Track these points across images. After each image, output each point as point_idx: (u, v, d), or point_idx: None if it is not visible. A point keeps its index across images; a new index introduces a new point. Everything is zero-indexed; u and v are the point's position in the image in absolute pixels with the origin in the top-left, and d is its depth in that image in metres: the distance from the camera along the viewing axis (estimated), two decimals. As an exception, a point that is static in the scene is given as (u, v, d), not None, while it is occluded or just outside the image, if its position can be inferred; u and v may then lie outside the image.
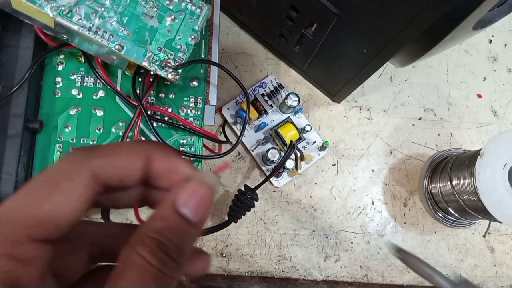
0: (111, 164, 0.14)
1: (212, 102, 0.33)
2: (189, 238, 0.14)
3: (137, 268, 0.13)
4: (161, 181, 0.16)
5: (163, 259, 0.13)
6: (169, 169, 0.15)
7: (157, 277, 0.13)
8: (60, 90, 0.32)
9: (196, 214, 0.14)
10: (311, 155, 0.39)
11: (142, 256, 0.13)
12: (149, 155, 0.15)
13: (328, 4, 0.28)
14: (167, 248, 0.14)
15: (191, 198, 0.14)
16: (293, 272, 0.38)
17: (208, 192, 0.15)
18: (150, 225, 0.14)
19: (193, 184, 0.15)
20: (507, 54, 0.45)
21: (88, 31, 0.27)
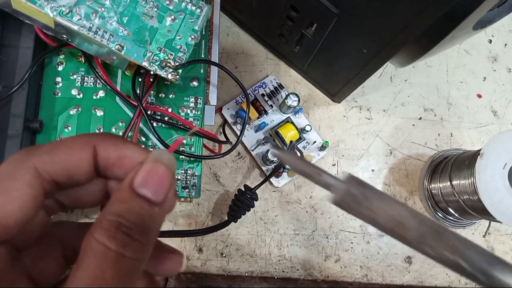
0: (53, 159, 0.14)
1: (212, 102, 0.33)
2: (152, 219, 0.14)
3: (95, 254, 0.13)
4: (114, 170, 0.15)
5: (123, 241, 0.13)
6: (118, 156, 0.15)
7: (117, 261, 0.13)
8: (60, 90, 0.32)
9: (157, 193, 0.14)
10: (311, 155, 0.39)
11: (99, 241, 0.13)
12: (93, 146, 0.15)
13: (328, 4, 0.28)
14: (127, 228, 0.13)
15: (149, 178, 0.14)
16: (293, 272, 0.38)
17: (166, 170, 0.14)
18: (107, 209, 0.14)
19: (149, 164, 0.14)
20: (507, 54, 0.45)
21: (88, 31, 0.27)
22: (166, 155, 0.15)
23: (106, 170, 0.15)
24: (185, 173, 0.32)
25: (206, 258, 0.38)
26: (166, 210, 0.15)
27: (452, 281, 0.40)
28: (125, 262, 0.13)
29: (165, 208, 0.15)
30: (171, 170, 0.15)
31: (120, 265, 0.13)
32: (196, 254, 0.38)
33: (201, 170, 0.32)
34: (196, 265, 0.38)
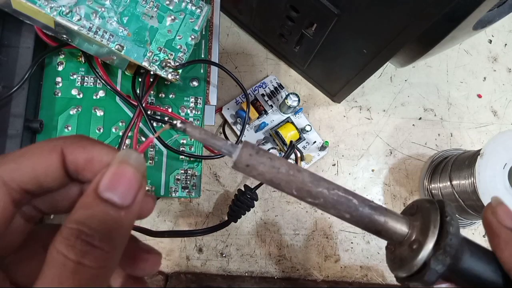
0: (19, 168, 0.14)
1: (212, 102, 0.33)
2: (118, 223, 0.13)
3: (53, 265, 0.12)
4: (85, 174, 0.15)
5: (83, 249, 0.12)
6: (86, 158, 0.15)
7: (76, 270, 0.12)
8: (60, 90, 0.32)
9: (124, 197, 0.13)
10: (311, 155, 0.39)
11: (58, 250, 0.12)
12: (60, 150, 0.14)
13: (328, 4, 0.28)
14: (88, 236, 0.13)
15: (115, 181, 0.13)
16: (293, 272, 0.38)
17: (133, 172, 0.14)
18: (69, 217, 0.13)
19: (115, 166, 0.14)
20: (507, 54, 0.45)
21: (88, 31, 0.27)
22: (133, 155, 0.14)
23: (77, 174, 0.15)
24: (185, 173, 0.32)
25: (206, 258, 0.38)
26: (134, 213, 0.14)
27: (452, 281, 0.40)
28: (85, 272, 0.12)
29: (134, 211, 0.14)
30: (139, 171, 0.14)
31: (80, 275, 0.12)
32: (196, 254, 0.38)
33: (201, 170, 0.32)
34: (196, 265, 0.38)
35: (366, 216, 0.16)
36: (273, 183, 0.16)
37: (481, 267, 0.16)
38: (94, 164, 0.15)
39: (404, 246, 0.17)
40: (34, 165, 0.14)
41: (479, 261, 0.16)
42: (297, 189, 0.16)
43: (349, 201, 0.16)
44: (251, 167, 0.15)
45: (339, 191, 0.16)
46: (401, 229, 0.17)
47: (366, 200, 0.17)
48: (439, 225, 0.16)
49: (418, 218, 0.17)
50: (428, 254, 0.16)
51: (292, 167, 0.16)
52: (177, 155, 0.32)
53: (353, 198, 0.16)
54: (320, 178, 0.16)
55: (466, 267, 0.16)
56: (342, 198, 0.16)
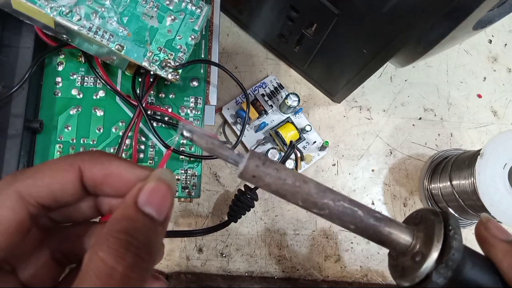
0: (37, 183, 0.14)
1: (212, 102, 0.33)
2: (156, 237, 0.14)
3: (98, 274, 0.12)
4: (103, 189, 0.15)
5: (132, 262, 0.12)
6: (105, 174, 0.15)
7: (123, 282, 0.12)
8: (60, 90, 0.32)
9: (160, 212, 0.14)
10: (311, 155, 0.39)
11: (104, 261, 0.12)
12: (78, 167, 0.15)
13: (328, 4, 0.28)
14: (137, 249, 0.13)
15: (153, 197, 0.14)
16: (293, 272, 0.38)
17: (169, 189, 0.14)
18: (113, 226, 0.13)
19: (153, 182, 0.14)
20: (507, 54, 0.45)
21: (88, 31, 0.27)
22: (169, 174, 0.15)
23: (95, 189, 0.15)
24: (185, 173, 0.32)
25: (206, 258, 0.38)
26: (166, 229, 0.15)
27: (452, 281, 0.40)
28: (130, 283, 0.12)
29: (166, 226, 0.15)
30: (173, 189, 0.15)
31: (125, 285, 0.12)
32: (196, 254, 0.38)
33: (201, 170, 0.32)
34: (196, 265, 0.38)
35: (370, 227, 0.16)
36: (279, 194, 0.16)
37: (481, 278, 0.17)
38: (113, 180, 0.15)
39: (407, 256, 0.17)
40: (51, 181, 0.14)
41: (480, 272, 0.17)
42: (302, 200, 0.16)
43: (354, 212, 0.16)
44: (257, 178, 0.15)
45: (345, 203, 0.16)
46: (404, 240, 0.17)
47: (371, 210, 0.17)
48: (442, 238, 0.16)
49: (421, 229, 0.17)
50: (430, 267, 0.16)
51: (298, 178, 0.16)
52: (177, 155, 0.32)
53: (358, 209, 0.16)
54: (326, 189, 0.16)
55: (467, 278, 0.16)
56: (348, 210, 0.16)
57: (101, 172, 0.15)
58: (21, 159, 0.29)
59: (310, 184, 0.16)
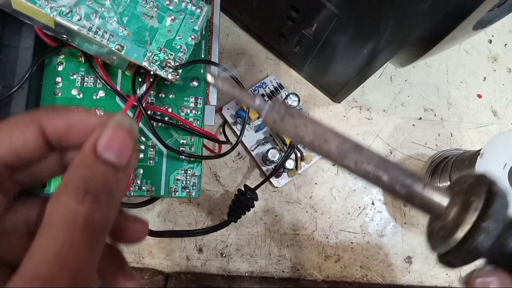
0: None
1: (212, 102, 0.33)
2: (117, 182, 0.14)
3: (61, 219, 0.12)
4: (68, 140, 0.15)
5: (92, 204, 0.13)
6: (67, 125, 0.15)
7: (86, 224, 0.13)
8: (60, 90, 0.32)
9: (121, 157, 0.14)
10: (311, 155, 0.39)
11: (66, 206, 0.13)
12: (38, 122, 0.15)
13: (328, 4, 0.28)
14: (96, 191, 0.13)
15: (112, 142, 0.14)
16: (293, 272, 0.38)
17: (128, 134, 0.14)
18: (72, 174, 0.13)
19: (111, 128, 0.14)
20: (507, 54, 0.45)
21: (88, 31, 0.27)
22: (129, 120, 0.15)
23: (61, 142, 0.15)
24: (185, 173, 0.32)
25: (206, 258, 0.38)
26: (129, 176, 0.15)
27: (452, 281, 0.40)
28: (94, 225, 0.13)
29: (129, 171, 0.15)
30: (133, 134, 0.15)
31: (89, 229, 0.13)
32: (196, 254, 0.38)
33: (201, 170, 0.32)
34: (196, 265, 0.38)
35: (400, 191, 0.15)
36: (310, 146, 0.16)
37: None
38: (76, 129, 0.15)
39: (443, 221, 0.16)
40: (11, 138, 0.14)
41: None
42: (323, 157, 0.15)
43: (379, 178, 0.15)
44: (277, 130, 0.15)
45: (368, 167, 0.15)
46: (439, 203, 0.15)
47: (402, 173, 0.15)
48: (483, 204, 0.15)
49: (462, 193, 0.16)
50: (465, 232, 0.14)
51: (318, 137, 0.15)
52: (177, 155, 0.32)
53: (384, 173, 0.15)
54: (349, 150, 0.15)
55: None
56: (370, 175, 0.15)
57: (62, 123, 0.15)
58: (21, 159, 0.29)
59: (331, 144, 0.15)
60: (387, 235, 0.40)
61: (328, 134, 0.15)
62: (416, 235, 0.40)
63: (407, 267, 0.40)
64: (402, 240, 0.40)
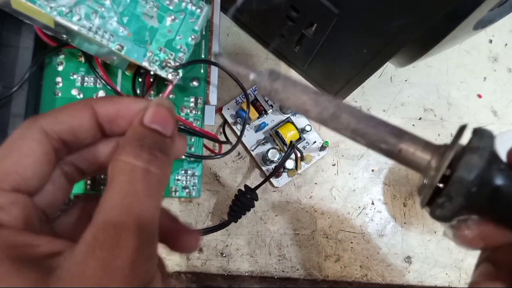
0: (57, 120, 0.16)
1: (212, 102, 0.33)
2: (167, 145, 0.16)
3: (123, 173, 0.14)
4: (118, 123, 0.17)
5: (148, 158, 0.14)
6: (117, 109, 0.17)
7: (145, 175, 0.14)
8: (60, 90, 0.32)
9: (166, 128, 0.16)
10: (311, 155, 0.39)
11: (126, 161, 0.14)
12: (91, 106, 0.16)
13: (328, 4, 0.28)
14: (150, 146, 0.15)
15: (156, 117, 0.16)
16: (293, 272, 0.38)
17: (169, 111, 0.16)
18: (127, 139, 0.15)
19: (153, 107, 0.16)
20: (507, 54, 0.45)
21: (88, 31, 0.27)
22: (167, 101, 0.17)
23: (112, 126, 0.17)
24: (185, 173, 0.32)
25: (206, 258, 0.38)
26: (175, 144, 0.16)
27: (452, 281, 0.40)
28: (152, 176, 0.14)
29: (174, 143, 0.16)
30: (173, 112, 0.16)
31: (148, 179, 0.14)
32: (196, 254, 0.38)
33: (201, 170, 0.32)
34: (196, 265, 0.38)
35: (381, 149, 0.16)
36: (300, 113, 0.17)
37: None
38: (126, 113, 0.17)
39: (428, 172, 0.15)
40: (69, 118, 0.16)
41: None
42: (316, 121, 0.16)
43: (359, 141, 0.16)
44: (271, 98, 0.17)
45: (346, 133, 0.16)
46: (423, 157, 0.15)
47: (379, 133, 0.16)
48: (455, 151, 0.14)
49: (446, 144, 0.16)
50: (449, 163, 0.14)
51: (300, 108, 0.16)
52: (177, 155, 0.32)
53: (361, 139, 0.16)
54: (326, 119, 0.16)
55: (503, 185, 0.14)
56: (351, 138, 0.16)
57: (113, 108, 0.17)
58: (21, 159, 0.29)
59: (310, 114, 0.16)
60: (386, 235, 0.40)
61: (308, 106, 0.16)
62: (416, 235, 0.40)
63: (406, 267, 0.40)
64: (402, 240, 0.40)
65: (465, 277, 0.40)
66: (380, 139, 0.16)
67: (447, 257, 0.40)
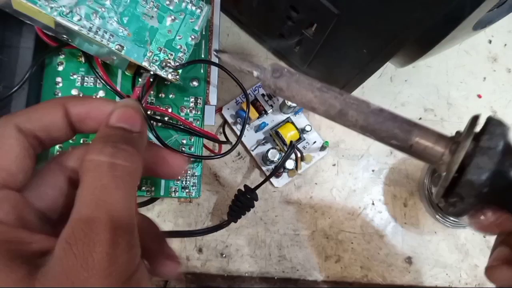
0: (30, 118, 0.16)
1: (212, 102, 0.33)
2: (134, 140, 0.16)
3: (90, 170, 0.14)
4: (87, 123, 0.17)
5: (112, 151, 0.15)
6: (87, 109, 0.17)
7: (110, 169, 0.14)
8: (60, 90, 0.32)
9: (132, 124, 0.16)
10: (311, 155, 0.39)
11: (91, 160, 0.15)
12: (63, 105, 0.17)
13: (328, 4, 0.28)
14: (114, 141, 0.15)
15: (122, 116, 0.16)
16: (293, 272, 0.38)
17: (135, 110, 0.17)
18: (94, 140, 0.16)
19: (119, 108, 0.17)
20: (507, 54, 0.45)
21: (88, 31, 0.27)
22: (132, 101, 0.18)
23: (81, 125, 0.17)
24: (185, 173, 0.32)
25: (206, 259, 0.38)
26: (144, 138, 0.17)
27: (452, 281, 0.40)
28: (118, 169, 0.14)
29: (143, 136, 0.17)
30: (139, 110, 0.17)
31: (114, 172, 0.14)
32: (196, 254, 0.38)
33: (201, 170, 0.32)
34: (196, 265, 0.38)
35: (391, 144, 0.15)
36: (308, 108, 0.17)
37: None
38: (95, 113, 0.17)
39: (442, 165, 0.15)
40: (41, 116, 0.17)
41: None
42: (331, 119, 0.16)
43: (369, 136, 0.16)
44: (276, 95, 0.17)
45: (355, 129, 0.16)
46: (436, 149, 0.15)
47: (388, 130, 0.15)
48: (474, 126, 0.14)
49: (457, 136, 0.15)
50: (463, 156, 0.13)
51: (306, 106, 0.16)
52: (177, 155, 0.32)
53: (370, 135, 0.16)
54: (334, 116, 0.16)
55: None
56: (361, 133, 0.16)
57: (84, 108, 0.17)
58: (21, 159, 0.29)
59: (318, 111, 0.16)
60: (387, 235, 0.40)
61: (314, 104, 0.16)
62: (416, 235, 0.40)
63: (407, 267, 0.40)
64: (402, 241, 0.40)
65: (465, 277, 0.40)
66: (390, 136, 0.15)
67: (447, 257, 0.40)
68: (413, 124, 0.15)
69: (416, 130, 0.15)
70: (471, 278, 0.40)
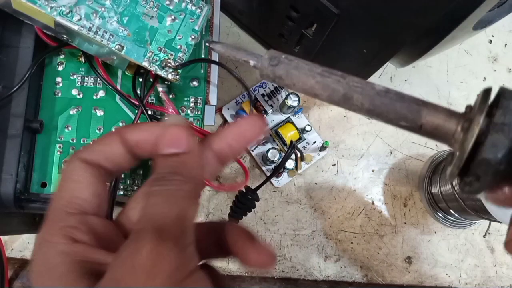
0: (93, 150, 0.18)
1: (212, 102, 0.33)
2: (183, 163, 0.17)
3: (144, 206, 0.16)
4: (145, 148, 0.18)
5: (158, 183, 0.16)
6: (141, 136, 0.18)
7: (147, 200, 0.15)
8: (60, 90, 0.32)
9: (178, 145, 0.17)
10: (311, 155, 0.39)
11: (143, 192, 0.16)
12: (120, 134, 0.18)
13: (328, 4, 0.28)
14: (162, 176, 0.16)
15: (167, 140, 0.17)
16: (293, 272, 0.38)
17: (177, 128, 0.17)
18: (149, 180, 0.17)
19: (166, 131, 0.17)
20: (507, 54, 0.45)
21: (88, 31, 0.27)
22: (174, 118, 0.18)
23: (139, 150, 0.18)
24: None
25: (206, 258, 0.38)
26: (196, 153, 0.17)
27: (452, 281, 0.40)
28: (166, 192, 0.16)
29: (194, 152, 0.17)
30: (183, 125, 0.18)
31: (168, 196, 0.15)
32: (196, 254, 0.38)
33: (201, 170, 0.32)
34: (196, 265, 0.38)
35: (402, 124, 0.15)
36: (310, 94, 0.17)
37: None
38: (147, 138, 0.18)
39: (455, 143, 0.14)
40: (102, 148, 0.18)
41: None
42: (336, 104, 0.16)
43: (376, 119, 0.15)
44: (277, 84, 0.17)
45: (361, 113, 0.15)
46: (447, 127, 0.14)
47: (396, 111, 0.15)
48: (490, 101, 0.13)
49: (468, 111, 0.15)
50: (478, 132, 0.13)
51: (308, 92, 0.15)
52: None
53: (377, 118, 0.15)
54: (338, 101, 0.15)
55: None
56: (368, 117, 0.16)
57: (136, 135, 0.18)
58: (21, 159, 0.29)
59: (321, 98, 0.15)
60: (387, 235, 0.40)
61: (316, 90, 0.15)
62: (416, 235, 0.40)
63: (407, 267, 0.40)
64: (402, 240, 0.40)
65: (465, 277, 0.40)
66: (398, 117, 0.15)
67: (447, 257, 0.40)
68: (422, 103, 0.15)
69: (425, 109, 0.15)
70: (471, 278, 0.40)
